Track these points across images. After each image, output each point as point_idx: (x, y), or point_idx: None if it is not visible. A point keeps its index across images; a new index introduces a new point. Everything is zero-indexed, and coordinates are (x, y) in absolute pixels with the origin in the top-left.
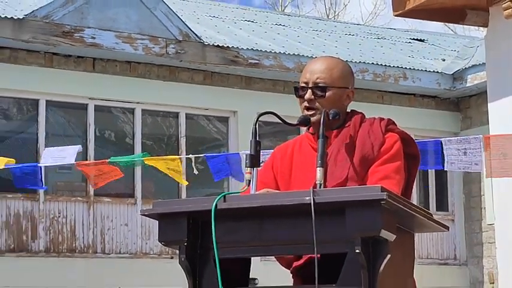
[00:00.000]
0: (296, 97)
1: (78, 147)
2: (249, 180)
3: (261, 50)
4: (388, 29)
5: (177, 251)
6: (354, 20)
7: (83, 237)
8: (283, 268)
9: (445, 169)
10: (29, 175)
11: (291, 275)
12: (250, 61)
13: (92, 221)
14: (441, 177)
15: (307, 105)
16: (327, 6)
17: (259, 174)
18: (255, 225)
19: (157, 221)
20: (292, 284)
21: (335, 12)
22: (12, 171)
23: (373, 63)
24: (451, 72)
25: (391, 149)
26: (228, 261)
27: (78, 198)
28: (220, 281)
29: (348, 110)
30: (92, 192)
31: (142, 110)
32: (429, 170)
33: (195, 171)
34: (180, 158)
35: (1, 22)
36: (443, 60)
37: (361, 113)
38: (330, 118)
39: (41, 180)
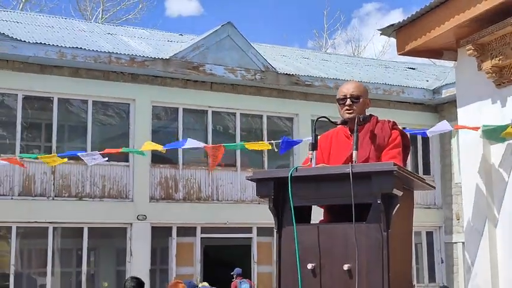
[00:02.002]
0: (339, 105)
1: (202, 144)
2: (311, 159)
3: (312, 76)
4: (392, 61)
5: (265, 200)
6: (370, 56)
7: (205, 191)
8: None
9: (428, 135)
10: (173, 153)
11: (323, 210)
12: (306, 83)
13: (210, 181)
14: (427, 155)
15: (348, 108)
16: (353, 48)
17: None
18: (315, 186)
19: (254, 183)
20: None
21: (358, 51)
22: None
23: (383, 83)
24: (432, 88)
25: (395, 140)
26: (298, 207)
27: (203, 167)
28: (294, 219)
29: (367, 113)
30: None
31: (240, 113)
32: (418, 150)
33: (274, 148)
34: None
35: (156, 61)
36: (427, 81)
37: (376, 116)
38: (361, 120)
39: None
